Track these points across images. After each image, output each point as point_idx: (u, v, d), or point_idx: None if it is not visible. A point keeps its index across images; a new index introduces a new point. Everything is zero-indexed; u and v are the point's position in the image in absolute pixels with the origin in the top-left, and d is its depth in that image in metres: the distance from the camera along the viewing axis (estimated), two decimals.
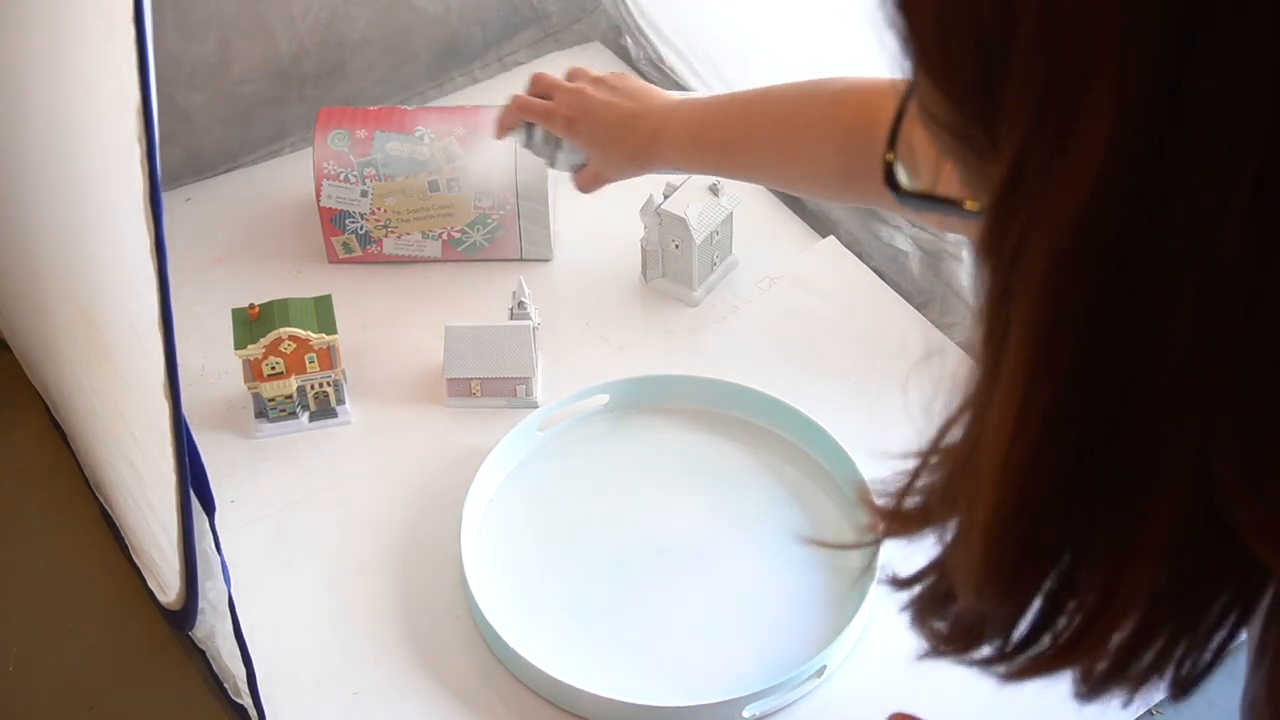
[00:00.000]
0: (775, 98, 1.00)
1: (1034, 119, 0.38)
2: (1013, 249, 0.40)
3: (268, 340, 1.16)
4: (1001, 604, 0.45)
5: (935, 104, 0.43)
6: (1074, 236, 0.38)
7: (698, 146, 1.03)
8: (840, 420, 1.19)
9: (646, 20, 1.61)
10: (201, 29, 1.43)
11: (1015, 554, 0.44)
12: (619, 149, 1.06)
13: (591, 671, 1.02)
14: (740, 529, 1.15)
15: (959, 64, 0.41)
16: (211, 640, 1.00)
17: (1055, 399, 0.40)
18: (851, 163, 0.93)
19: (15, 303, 1.19)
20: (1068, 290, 0.39)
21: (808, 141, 0.97)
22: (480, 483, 1.15)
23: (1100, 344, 0.39)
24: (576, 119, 1.06)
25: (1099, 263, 0.38)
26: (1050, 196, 0.38)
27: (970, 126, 0.42)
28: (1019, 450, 0.41)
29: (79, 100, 0.87)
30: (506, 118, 1.12)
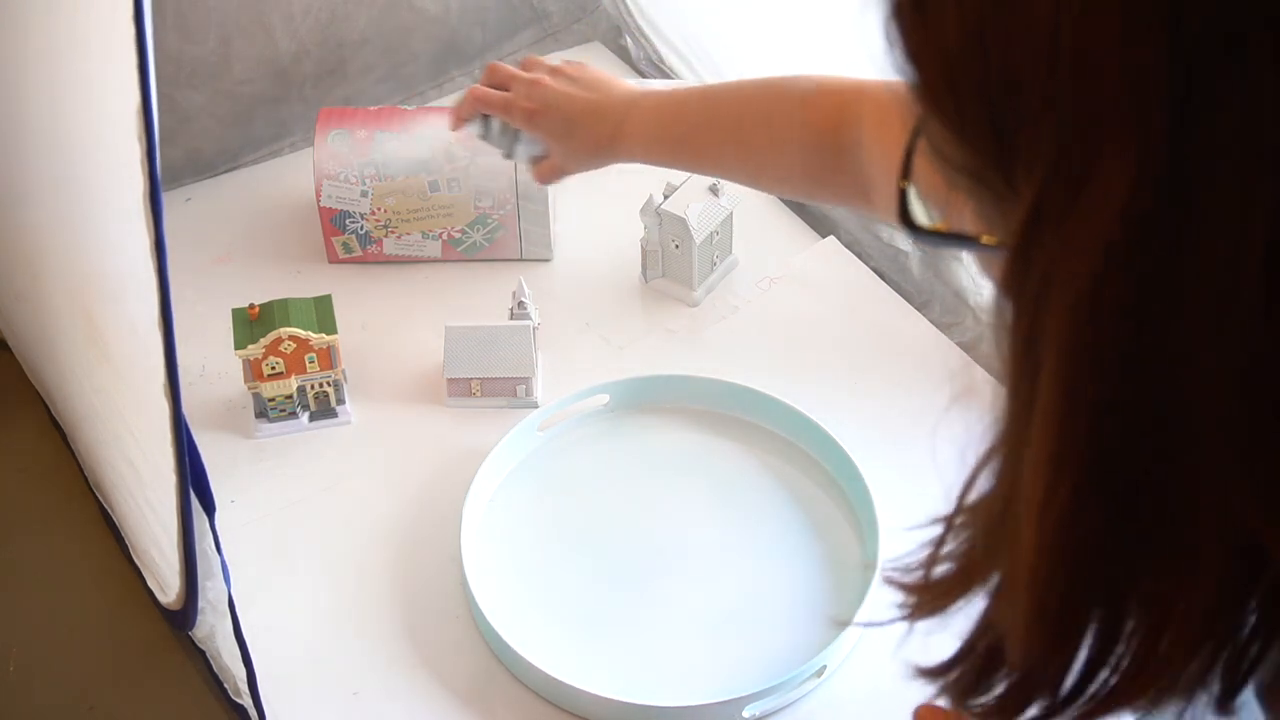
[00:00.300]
0: (743, 96, 0.98)
1: (1050, 167, 0.38)
2: (1036, 292, 0.40)
3: (268, 340, 1.16)
4: (1051, 654, 0.45)
5: (947, 145, 0.43)
6: (1094, 283, 0.38)
7: (661, 141, 1.02)
8: (840, 420, 1.19)
9: (646, 20, 1.61)
10: (201, 29, 1.43)
11: (1062, 600, 0.43)
12: (581, 142, 1.04)
13: (591, 671, 1.02)
14: (740, 529, 1.15)
15: (970, 115, 0.41)
16: (211, 640, 1.00)
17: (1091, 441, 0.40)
18: (822, 164, 0.92)
19: (16, 303, 1.19)
20: (1093, 336, 0.39)
21: (775, 142, 0.95)
22: (480, 483, 1.15)
23: (1129, 386, 0.39)
24: (537, 111, 1.04)
25: (1121, 307, 0.38)
26: (1069, 243, 0.38)
27: (984, 169, 0.42)
28: (1060, 494, 0.41)
29: (79, 100, 0.87)
30: (463, 110, 1.10)
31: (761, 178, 1.02)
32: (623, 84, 1.05)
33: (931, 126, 0.43)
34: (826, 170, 0.91)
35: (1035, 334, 0.40)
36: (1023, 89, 0.39)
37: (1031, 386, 0.41)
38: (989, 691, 0.49)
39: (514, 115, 1.06)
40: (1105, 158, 0.37)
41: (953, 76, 0.41)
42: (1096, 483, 0.41)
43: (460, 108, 1.09)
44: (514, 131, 1.10)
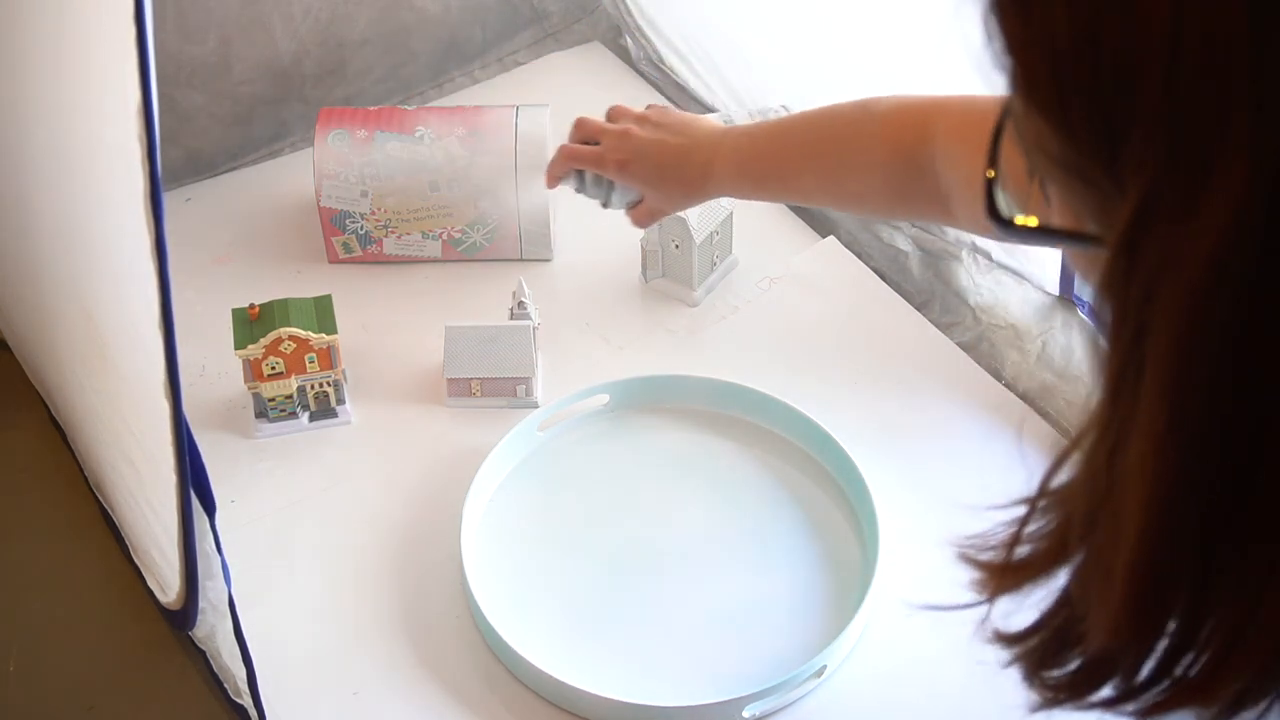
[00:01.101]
0: (821, 122, 1.01)
1: (1163, 165, 0.38)
2: (1143, 288, 0.40)
3: (268, 340, 1.16)
4: (1136, 641, 0.45)
5: (1046, 139, 0.42)
6: (1210, 279, 0.38)
7: (747, 176, 1.05)
8: (840, 420, 1.19)
9: (646, 20, 1.61)
10: (201, 29, 1.43)
11: (1157, 590, 0.43)
12: (673, 186, 1.07)
13: (591, 671, 1.02)
14: (740, 529, 1.15)
15: (1076, 110, 0.40)
16: (211, 640, 1.00)
17: (1198, 433, 0.41)
18: (903, 180, 0.93)
19: (15, 303, 1.20)
20: (1205, 331, 0.39)
21: (856, 164, 0.97)
22: (480, 483, 1.15)
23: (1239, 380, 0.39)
24: (628, 161, 1.08)
25: (1236, 304, 0.38)
26: (1184, 241, 0.38)
27: (1087, 163, 0.41)
28: (1164, 485, 0.41)
29: (79, 100, 0.87)
30: (556, 168, 1.13)
31: (845, 199, 1.05)
32: (707, 123, 1.09)
33: (1030, 120, 0.42)
34: (907, 185, 0.93)
35: (1144, 323, 0.40)
36: (1138, 84, 0.38)
37: (1138, 374, 0.41)
38: (1063, 666, 0.50)
39: (606, 168, 1.09)
40: (1227, 153, 0.37)
41: (1060, 71, 0.40)
42: (1203, 469, 0.41)
43: (554, 166, 1.13)
44: (609, 181, 1.13)
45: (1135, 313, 0.40)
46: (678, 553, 1.13)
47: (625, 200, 1.14)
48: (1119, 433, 0.43)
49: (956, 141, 0.86)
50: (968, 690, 1.02)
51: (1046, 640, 0.50)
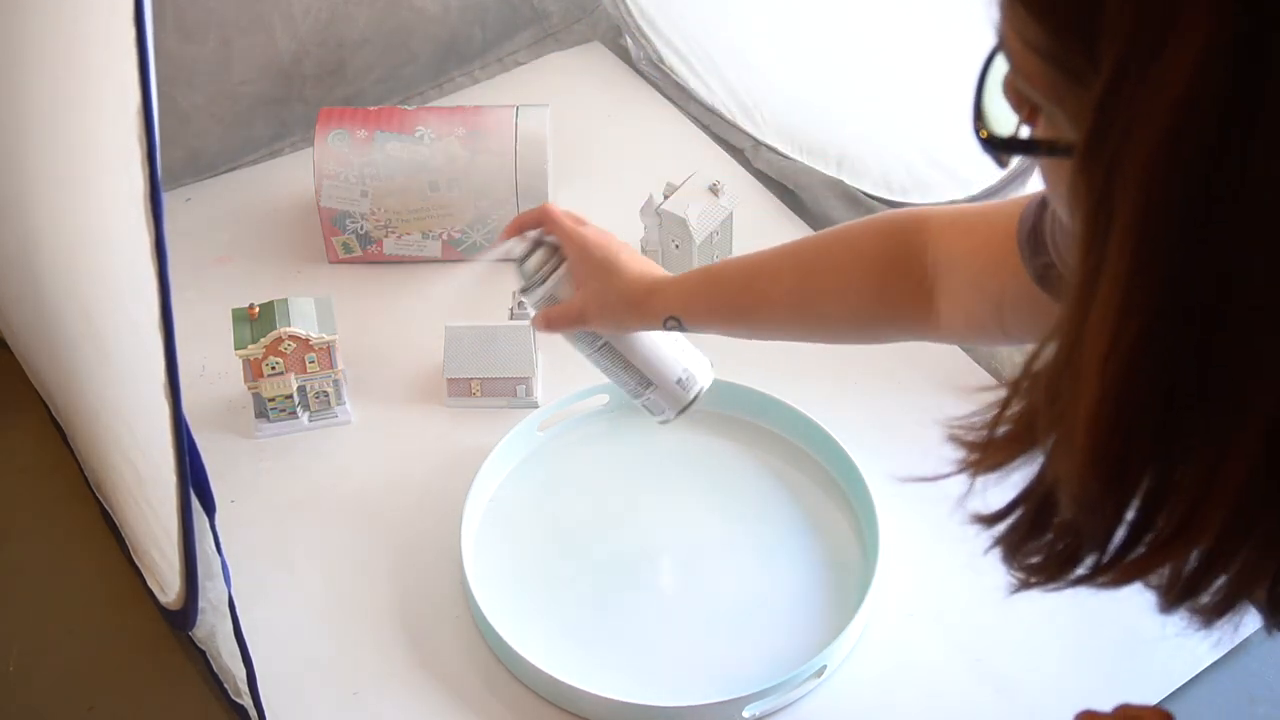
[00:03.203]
0: (800, 243, 0.94)
1: (1133, 28, 0.41)
2: (1112, 152, 0.42)
3: (268, 340, 1.16)
4: (1103, 500, 0.47)
5: (1032, 33, 0.45)
6: (1172, 132, 0.40)
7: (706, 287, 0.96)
8: (839, 420, 1.19)
9: (646, 20, 1.61)
10: (201, 29, 1.43)
11: (1118, 447, 0.45)
12: (618, 285, 0.98)
13: (591, 671, 1.02)
14: (740, 529, 1.15)
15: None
16: (212, 640, 1.00)
17: (1157, 292, 0.42)
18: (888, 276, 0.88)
19: (15, 303, 1.20)
20: (1167, 185, 0.41)
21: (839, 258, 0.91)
22: (480, 483, 1.15)
23: (1200, 239, 0.41)
24: (594, 246, 0.99)
25: (1197, 158, 0.40)
26: (1148, 97, 0.41)
27: (1068, 49, 0.44)
28: (1123, 342, 0.43)
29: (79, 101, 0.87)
30: (527, 219, 1.03)
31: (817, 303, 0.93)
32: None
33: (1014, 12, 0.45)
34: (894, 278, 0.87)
35: (1110, 190, 0.42)
36: None
37: (1102, 247, 0.43)
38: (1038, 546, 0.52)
39: (573, 241, 1.00)
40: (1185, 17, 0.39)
41: None
42: (1160, 333, 0.43)
43: (526, 216, 1.03)
44: (546, 274, 1.02)
45: (1103, 176, 0.43)
46: (677, 553, 1.13)
47: (550, 296, 1.02)
48: (1088, 297, 0.44)
49: (949, 226, 0.84)
50: (967, 690, 1.02)
51: (1024, 517, 0.52)
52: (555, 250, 1.02)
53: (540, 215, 1.01)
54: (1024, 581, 0.53)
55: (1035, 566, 0.52)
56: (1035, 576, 0.53)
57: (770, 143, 1.49)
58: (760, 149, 1.50)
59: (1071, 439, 0.46)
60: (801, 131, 1.47)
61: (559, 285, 1.02)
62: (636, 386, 1.04)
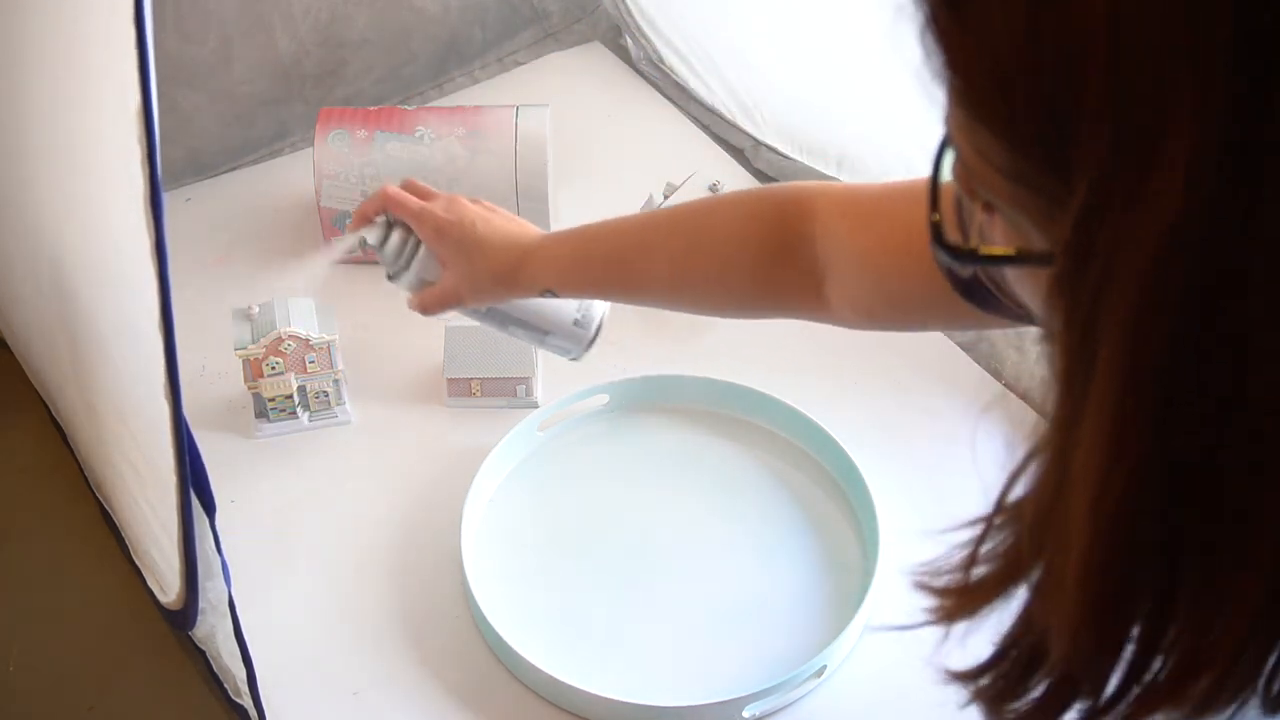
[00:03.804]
0: (678, 212, 0.90)
1: (1110, 152, 0.38)
2: (1094, 283, 0.39)
3: (268, 340, 1.16)
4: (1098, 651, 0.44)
5: (991, 150, 0.42)
6: (1159, 266, 0.38)
7: (580, 261, 0.92)
8: (839, 420, 1.19)
9: (646, 20, 1.61)
10: (201, 29, 1.43)
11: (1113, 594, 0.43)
12: (485, 263, 0.94)
13: (591, 671, 1.02)
14: (740, 529, 1.15)
15: (1022, 116, 0.40)
16: (212, 640, 1.00)
17: (1149, 435, 0.40)
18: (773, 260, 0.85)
19: (15, 303, 1.20)
20: (1157, 316, 0.38)
21: (719, 242, 0.87)
22: (480, 483, 1.15)
23: (1192, 378, 0.39)
24: (449, 224, 0.95)
25: (1187, 286, 0.38)
26: (1133, 229, 0.38)
27: (1033, 169, 0.41)
28: (1113, 489, 0.41)
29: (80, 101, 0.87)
30: (370, 207, 0.98)
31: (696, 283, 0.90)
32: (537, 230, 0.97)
33: (974, 132, 0.42)
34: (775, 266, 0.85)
35: (1092, 325, 0.40)
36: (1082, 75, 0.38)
37: (1086, 379, 0.40)
38: (1025, 695, 0.48)
39: (424, 224, 0.96)
40: (1170, 140, 0.37)
41: (1003, 79, 0.40)
42: (1154, 473, 0.40)
43: (366, 206, 0.99)
44: (410, 253, 0.99)
45: (1084, 310, 0.40)
46: (678, 553, 1.13)
47: (419, 279, 0.99)
48: (1071, 432, 0.42)
49: (839, 216, 0.81)
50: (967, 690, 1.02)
51: (1006, 671, 0.49)
52: (412, 230, 0.98)
53: (381, 199, 0.97)
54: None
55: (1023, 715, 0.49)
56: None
57: (770, 143, 1.49)
58: (760, 149, 1.50)
59: (1062, 589, 0.43)
60: (801, 131, 1.47)
61: (425, 266, 0.98)
62: (535, 338, 1.01)
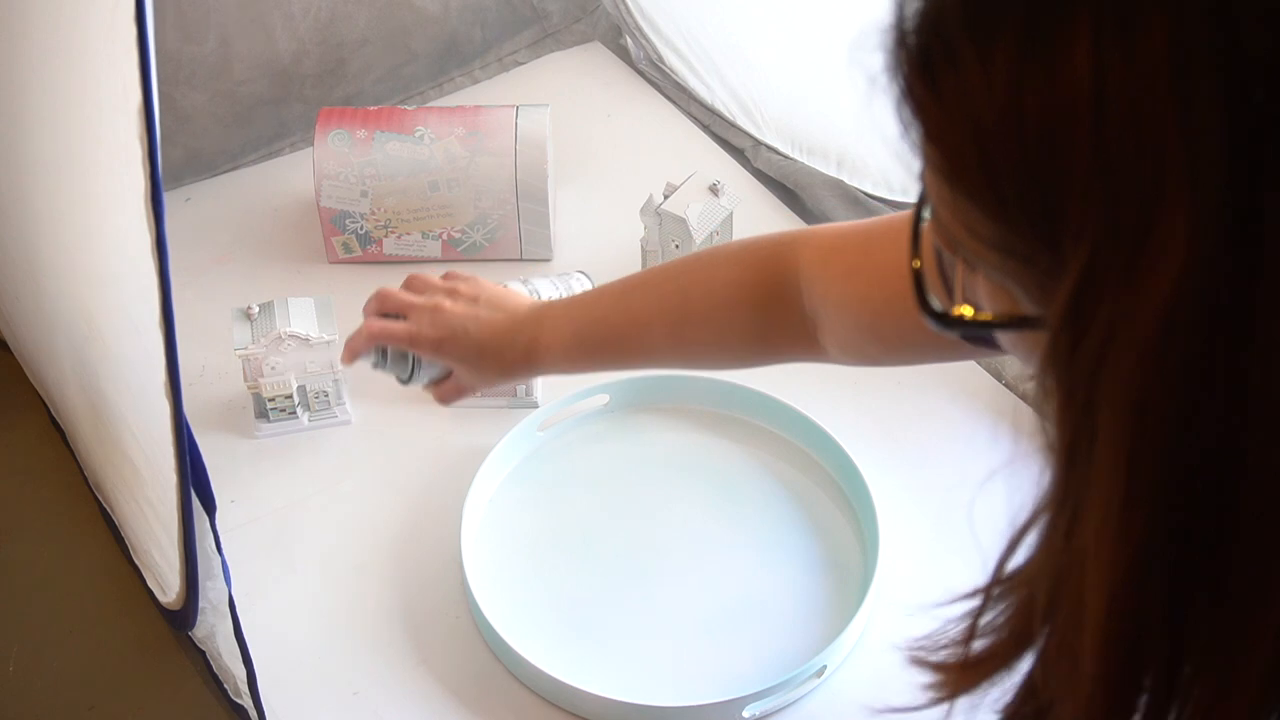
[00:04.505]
0: (663, 275, 0.91)
1: (1102, 231, 0.37)
2: (1091, 358, 0.39)
3: (268, 340, 1.16)
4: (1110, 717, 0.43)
5: (977, 224, 0.41)
6: (1159, 341, 0.37)
7: (583, 345, 0.93)
8: (839, 420, 1.19)
9: (646, 20, 1.61)
10: (201, 29, 1.43)
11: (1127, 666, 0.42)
12: (492, 365, 0.96)
13: (591, 671, 1.02)
14: (740, 529, 1.15)
15: (1007, 189, 0.39)
16: (212, 640, 1.00)
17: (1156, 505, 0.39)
18: (762, 319, 0.86)
19: (15, 303, 1.19)
20: (1157, 393, 0.38)
21: (711, 309, 0.88)
22: (480, 483, 1.15)
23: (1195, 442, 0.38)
24: (443, 340, 0.95)
25: (1188, 367, 0.37)
26: (1130, 306, 0.37)
27: (1022, 244, 0.40)
28: (1124, 557, 0.40)
29: (80, 100, 0.87)
30: (359, 344, 0.99)
31: (700, 351, 0.93)
32: (522, 297, 0.98)
33: (958, 206, 0.41)
34: (770, 322, 0.85)
35: (1092, 397, 0.39)
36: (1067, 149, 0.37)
37: (1089, 450, 0.40)
38: None
39: (421, 347, 0.97)
40: (1165, 212, 0.36)
41: (986, 152, 0.39)
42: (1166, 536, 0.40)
43: (355, 342, 0.99)
44: (413, 366, 1.01)
45: (1084, 384, 0.39)
46: (678, 553, 1.13)
47: (430, 376, 1.01)
48: (1075, 508, 0.41)
49: (822, 267, 0.80)
50: None
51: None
52: None
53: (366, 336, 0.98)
54: None
55: None
56: None
57: (770, 143, 1.49)
58: (760, 149, 1.50)
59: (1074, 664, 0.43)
60: (801, 131, 1.47)
61: (431, 368, 1.00)
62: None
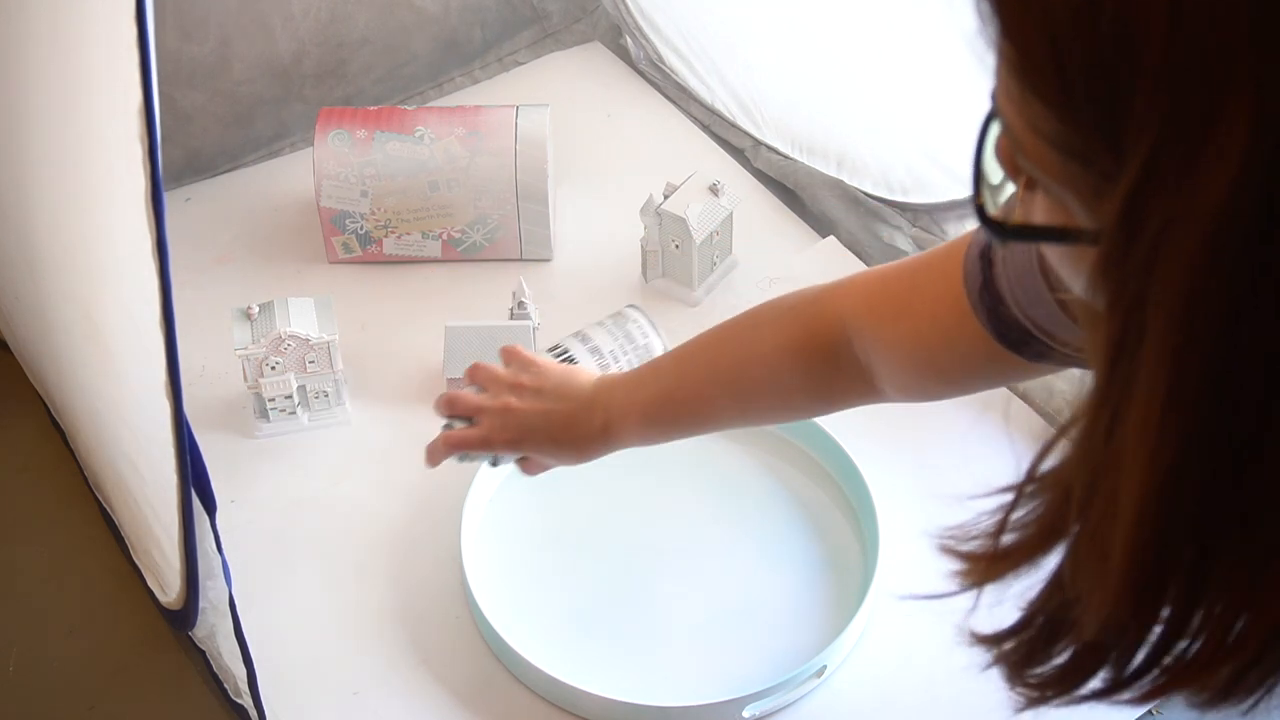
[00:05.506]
0: (717, 341, 0.93)
1: (1166, 126, 0.38)
2: (1144, 256, 0.39)
3: (268, 340, 1.16)
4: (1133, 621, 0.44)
5: (1042, 122, 0.42)
6: (1216, 235, 0.37)
7: (655, 423, 0.95)
8: (839, 420, 1.18)
9: (646, 20, 1.61)
10: (201, 29, 1.43)
11: (1156, 566, 0.42)
12: (569, 453, 0.98)
13: (592, 671, 1.02)
14: (740, 529, 1.15)
15: (1076, 83, 0.40)
16: (212, 640, 1.00)
17: (1199, 404, 0.40)
18: (824, 379, 0.87)
19: (15, 303, 1.19)
20: (1209, 290, 0.38)
21: (767, 376, 0.90)
22: (480, 483, 1.15)
23: (1245, 344, 0.39)
24: (518, 440, 0.97)
25: (1240, 266, 0.38)
26: (1188, 199, 0.38)
27: (1085, 142, 0.41)
28: (1164, 456, 0.41)
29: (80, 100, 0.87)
30: (438, 453, 1.00)
31: (763, 415, 0.97)
32: (583, 376, 0.98)
33: (1026, 105, 0.42)
34: (829, 380, 0.87)
35: (1141, 302, 0.40)
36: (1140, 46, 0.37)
37: (1134, 355, 0.40)
38: (1049, 662, 0.49)
39: (496, 449, 0.98)
40: (1229, 110, 0.36)
41: (1059, 46, 0.39)
42: (1205, 438, 0.40)
43: (434, 450, 1.00)
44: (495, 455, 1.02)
45: (1135, 282, 0.40)
46: (678, 553, 1.13)
47: (515, 456, 1.02)
48: (1117, 407, 0.42)
49: (867, 315, 0.82)
50: (967, 690, 1.02)
51: (1032, 636, 0.49)
52: None
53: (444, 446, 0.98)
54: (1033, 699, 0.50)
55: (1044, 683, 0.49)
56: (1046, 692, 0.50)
57: (770, 143, 1.49)
58: (760, 149, 1.50)
59: (1105, 561, 0.43)
60: (801, 131, 1.47)
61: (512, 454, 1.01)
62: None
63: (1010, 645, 0.50)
